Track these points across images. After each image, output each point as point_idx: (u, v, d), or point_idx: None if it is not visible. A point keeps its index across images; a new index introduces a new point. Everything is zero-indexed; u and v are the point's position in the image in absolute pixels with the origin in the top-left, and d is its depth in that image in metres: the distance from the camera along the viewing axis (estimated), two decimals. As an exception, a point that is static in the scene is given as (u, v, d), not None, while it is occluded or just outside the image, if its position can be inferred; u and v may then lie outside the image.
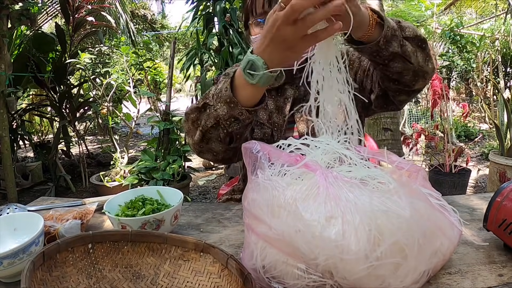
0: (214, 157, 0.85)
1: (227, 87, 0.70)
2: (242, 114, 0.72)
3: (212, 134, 0.79)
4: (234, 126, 0.75)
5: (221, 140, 0.79)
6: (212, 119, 0.76)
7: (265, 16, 0.87)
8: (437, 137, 3.43)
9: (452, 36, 5.43)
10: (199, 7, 3.11)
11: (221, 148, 0.81)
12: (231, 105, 0.71)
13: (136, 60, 3.58)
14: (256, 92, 0.70)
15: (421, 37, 0.77)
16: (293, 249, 0.49)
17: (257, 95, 0.71)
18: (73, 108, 3.49)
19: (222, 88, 0.72)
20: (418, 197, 0.53)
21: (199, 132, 0.80)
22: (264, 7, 0.88)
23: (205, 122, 0.78)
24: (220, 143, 0.80)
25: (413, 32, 0.75)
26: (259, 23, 0.90)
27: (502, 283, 0.56)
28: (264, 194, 0.53)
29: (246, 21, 0.97)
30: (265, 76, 0.64)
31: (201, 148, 0.83)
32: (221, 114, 0.73)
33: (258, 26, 0.90)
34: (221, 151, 0.82)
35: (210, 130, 0.78)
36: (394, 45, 0.71)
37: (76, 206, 0.90)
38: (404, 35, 0.74)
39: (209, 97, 0.77)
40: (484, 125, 5.93)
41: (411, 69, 0.77)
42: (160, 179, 2.73)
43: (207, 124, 0.77)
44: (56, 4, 4.06)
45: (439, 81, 3.01)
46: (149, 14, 10.48)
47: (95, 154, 4.72)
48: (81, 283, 0.49)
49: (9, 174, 2.79)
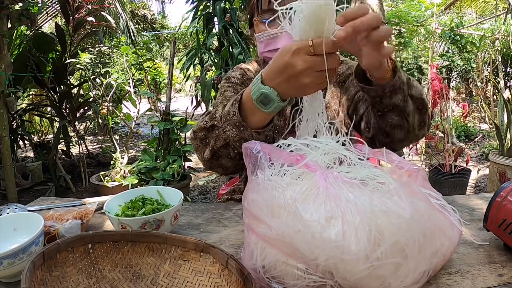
0: (224, 171, 0.87)
1: (235, 111, 0.72)
2: (252, 136, 0.73)
3: (223, 152, 0.80)
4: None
5: (232, 158, 0.81)
6: (221, 140, 0.77)
7: (270, 14, 0.89)
8: (437, 137, 3.43)
9: (452, 36, 5.43)
10: (199, 7, 3.11)
11: (231, 164, 0.83)
12: (240, 129, 0.73)
13: (136, 60, 3.58)
14: (267, 117, 0.71)
15: (424, 102, 0.78)
16: (293, 249, 0.49)
17: (267, 118, 0.72)
18: (73, 108, 3.49)
19: (230, 111, 0.73)
20: (418, 197, 0.53)
21: (209, 151, 0.81)
22: (270, 4, 0.88)
23: (215, 142, 0.79)
24: (230, 160, 0.82)
25: (419, 93, 0.77)
26: (265, 22, 0.90)
27: (502, 283, 0.56)
28: (264, 194, 0.53)
29: (251, 18, 0.97)
30: (279, 106, 0.66)
31: (211, 165, 0.85)
32: (230, 136, 0.75)
33: (263, 24, 0.91)
34: (231, 167, 0.84)
35: (220, 149, 0.80)
36: (398, 97, 0.72)
37: (76, 206, 0.90)
38: (410, 92, 0.75)
39: (217, 118, 0.78)
40: (484, 125, 5.93)
41: (405, 127, 0.78)
42: (160, 179, 2.73)
43: (217, 144, 0.79)
44: (56, 4, 4.06)
45: (439, 81, 3.01)
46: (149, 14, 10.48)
47: (95, 154, 4.72)
48: (81, 283, 0.49)
49: (9, 174, 2.79)
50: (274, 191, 0.53)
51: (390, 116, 0.77)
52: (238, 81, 1.01)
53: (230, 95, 0.97)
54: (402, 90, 0.72)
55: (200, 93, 3.11)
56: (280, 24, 0.87)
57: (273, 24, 0.90)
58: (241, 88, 0.99)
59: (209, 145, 0.81)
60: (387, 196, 0.50)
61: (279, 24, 0.88)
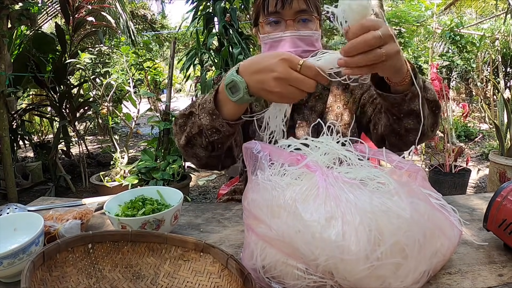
0: (198, 161, 0.88)
1: (211, 100, 0.73)
2: (223, 126, 0.74)
3: (197, 140, 0.82)
4: (215, 136, 0.77)
5: (204, 148, 0.82)
6: (196, 127, 0.79)
7: (276, 16, 0.89)
8: (437, 137, 3.43)
9: (452, 36, 5.43)
10: (199, 7, 3.10)
11: (204, 154, 0.84)
12: (213, 117, 0.74)
13: (136, 60, 3.58)
14: (237, 108, 0.72)
15: (438, 103, 0.79)
16: (293, 249, 0.49)
17: (238, 110, 0.73)
18: (73, 108, 3.49)
19: (207, 99, 0.74)
20: (418, 197, 0.53)
21: (184, 137, 0.83)
22: (276, 6, 0.88)
23: (190, 129, 0.81)
24: (203, 150, 0.83)
25: (433, 96, 0.78)
26: (270, 22, 0.90)
27: (502, 283, 0.56)
28: (264, 194, 0.53)
29: (256, 18, 0.97)
30: (244, 98, 0.66)
31: (186, 152, 0.87)
32: (204, 124, 0.76)
33: (269, 26, 0.91)
34: (205, 157, 0.85)
35: (194, 137, 0.81)
36: (416, 103, 0.72)
37: (76, 206, 0.90)
38: (426, 96, 0.76)
39: (195, 105, 0.80)
40: (484, 125, 5.93)
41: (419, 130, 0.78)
42: (160, 179, 2.73)
43: (192, 131, 0.80)
44: (56, 4, 4.06)
45: (439, 81, 3.01)
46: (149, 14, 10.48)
47: (95, 154, 4.72)
48: (81, 283, 0.49)
49: (9, 174, 2.79)
50: (274, 191, 0.53)
51: (406, 120, 0.78)
52: None
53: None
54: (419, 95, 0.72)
55: (200, 93, 3.11)
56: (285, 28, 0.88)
57: (278, 26, 0.90)
58: None
59: (185, 131, 0.82)
60: (387, 196, 0.50)
61: (284, 27, 0.88)
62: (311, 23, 0.90)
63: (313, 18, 0.90)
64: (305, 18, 0.89)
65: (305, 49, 0.89)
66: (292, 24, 0.88)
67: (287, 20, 0.88)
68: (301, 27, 0.89)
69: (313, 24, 0.91)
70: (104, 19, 4.38)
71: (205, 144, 0.81)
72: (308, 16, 0.89)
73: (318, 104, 0.98)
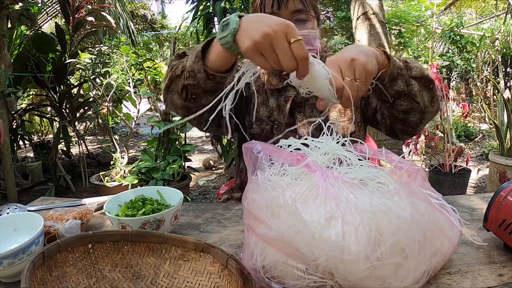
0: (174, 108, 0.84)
1: (204, 44, 0.70)
2: (200, 72, 0.71)
3: (176, 84, 0.78)
4: (190, 81, 0.74)
5: (179, 92, 0.78)
6: (180, 67, 0.76)
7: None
8: (437, 137, 3.43)
9: (452, 36, 5.43)
10: (199, 7, 3.10)
11: (180, 102, 0.81)
12: (195, 59, 0.71)
13: (136, 60, 3.58)
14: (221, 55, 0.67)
15: (429, 77, 0.80)
16: (293, 249, 0.49)
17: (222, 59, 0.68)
18: (73, 108, 3.48)
19: (201, 43, 0.72)
20: (418, 197, 0.53)
21: (168, 78, 0.80)
22: (273, 7, 0.89)
23: (175, 69, 0.78)
24: (178, 96, 0.80)
25: (420, 72, 0.78)
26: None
27: (502, 283, 0.56)
28: (263, 194, 0.53)
29: None
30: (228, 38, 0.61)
31: (165, 96, 0.84)
32: (186, 65, 0.73)
33: None
34: (180, 105, 0.82)
35: (175, 79, 0.78)
36: (399, 84, 0.74)
37: (76, 206, 0.90)
38: (411, 74, 0.77)
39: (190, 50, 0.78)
40: (484, 125, 5.93)
41: (417, 109, 0.80)
42: (160, 179, 2.73)
43: (176, 72, 0.77)
44: (56, 4, 4.06)
45: (439, 81, 3.01)
46: (149, 14, 10.47)
47: (95, 154, 4.72)
48: (81, 283, 0.49)
49: (9, 174, 2.79)
50: (274, 191, 0.53)
51: (399, 103, 0.80)
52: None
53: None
54: (402, 76, 0.74)
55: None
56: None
57: None
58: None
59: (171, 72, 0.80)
60: (387, 196, 0.50)
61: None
62: (309, 23, 0.91)
63: (310, 18, 0.91)
64: (301, 18, 0.90)
65: None
66: None
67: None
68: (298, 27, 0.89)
69: (310, 24, 0.91)
70: (104, 19, 4.39)
71: (180, 88, 0.77)
72: (305, 16, 0.90)
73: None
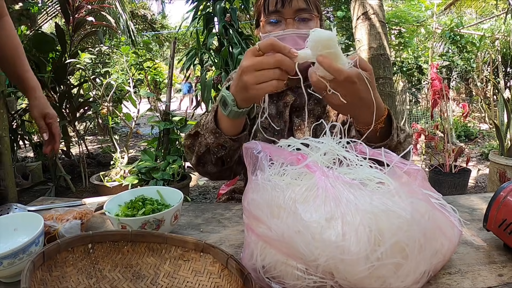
0: (212, 177, 0.95)
1: (212, 120, 0.78)
2: (227, 142, 0.79)
3: (207, 158, 0.87)
4: (222, 152, 0.82)
5: (214, 164, 0.87)
6: (203, 146, 0.84)
7: (277, 15, 0.90)
8: (437, 137, 3.43)
9: (452, 36, 5.43)
10: (199, 7, 3.10)
11: (216, 170, 0.89)
12: (216, 135, 0.79)
13: (136, 60, 3.58)
14: (233, 123, 0.76)
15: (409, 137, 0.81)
16: (293, 250, 0.49)
17: (236, 125, 0.77)
18: (73, 108, 3.49)
19: (209, 119, 0.80)
20: (419, 197, 0.53)
21: (195, 157, 0.89)
22: (277, 5, 0.89)
23: (198, 148, 0.86)
24: (214, 166, 0.88)
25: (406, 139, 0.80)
26: (271, 22, 0.91)
27: (502, 283, 0.56)
28: (263, 194, 0.53)
29: (258, 18, 0.98)
30: (233, 111, 0.70)
31: (198, 170, 0.93)
32: (210, 142, 0.81)
33: (270, 25, 0.92)
34: (217, 172, 0.91)
35: (204, 155, 0.86)
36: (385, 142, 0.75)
37: (76, 206, 0.90)
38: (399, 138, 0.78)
39: (200, 126, 0.85)
40: (484, 125, 5.93)
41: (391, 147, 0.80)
42: (160, 179, 2.73)
43: (200, 150, 0.86)
44: (56, 4, 4.06)
45: (439, 81, 3.01)
46: (149, 14, 10.48)
47: (95, 154, 4.72)
48: (81, 283, 0.49)
49: (9, 174, 2.79)
50: (274, 192, 0.52)
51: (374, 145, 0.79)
52: None
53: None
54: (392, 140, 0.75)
55: (200, 93, 3.11)
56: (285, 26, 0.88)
57: (279, 25, 0.90)
58: None
59: (195, 151, 0.88)
60: (388, 196, 0.50)
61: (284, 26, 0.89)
62: (311, 22, 0.91)
63: (313, 17, 0.91)
64: (305, 17, 0.90)
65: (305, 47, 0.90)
66: (292, 23, 0.89)
67: (287, 18, 0.89)
68: (301, 26, 0.90)
69: (313, 23, 0.91)
70: (104, 19, 4.39)
71: (215, 161, 0.86)
72: (308, 15, 0.90)
73: (317, 108, 0.99)
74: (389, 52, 2.97)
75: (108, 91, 3.49)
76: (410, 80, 5.74)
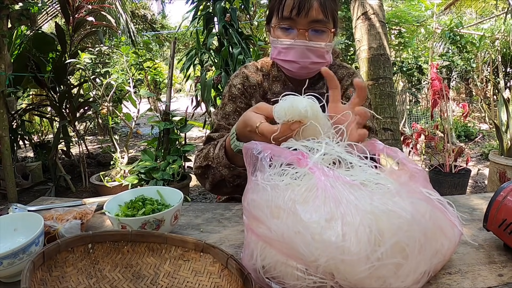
0: (227, 194, 1.04)
1: (223, 156, 0.83)
2: (242, 173, 0.82)
3: (221, 184, 0.92)
4: (238, 181, 0.87)
5: (230, 187, 0.92)
6: (218, 177, 0.89)
7: (290, 23, 0.86)
8: (437, 137, 3.43)
9: (452, 36, 5.43)
10: (199, 7, 3.10)
11: (232, 189, 0.94)
12: (230, 169, 0.84)
13: (136, 60, 3.58)
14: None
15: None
16: (293, 250, 0.49)
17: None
18: (73, 108, 3.48)
19: (219, 155, 0.84)
20: (419, 197, 0.53)
21: (209, 184, 0.94)
22: (292, 13, 0.85)
23: (213, 178, 0.91)
24: (230, 188, 0.93)
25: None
26: (282, 28, 0.88)
27: (502, 283, 0.56)
28: (263, 195, 0.53)
29: (269, 17, 0.95)
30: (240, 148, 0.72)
31: (214, 193, 1.00)
32: (224, 174, 0.86)
33: (281, 31, 0.89)
34: (233, 191, 0.96)
35: (219, 182, 0.91)
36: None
37: (76, 206, 0.90)
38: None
39: (210, 158, 0.89)
40: (484, 125, 5.93)
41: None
42: (160, 179, 2.73)
43: (215, 179, 0.91)
44: (56, 4, 4.06)
45: (439, 81, 3.01)
46: (149, 14, 10.47)
47: (95, 154, 4.72)
48: (81, 283, 0.49)
49: (9, 174, 2.79)
50: (274, 192, 0.52)
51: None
52: (239, 92, 1.01)
53: (230, 111, 1.01)
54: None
55: (200, 93, 3.11)
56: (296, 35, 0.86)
57: (290, 33, 0.87)
58: (241, 101, 1.00)
59: (208, 179, 0.92)
60: (388, 196, 0.50)
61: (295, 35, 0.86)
62: (324, 35, 0.87)
63: (327, 30, 0.87)
64: (318, 29, 0.86)
65: (314, 60, 0.88)
66: (304, 33, 0.86)
67: (300, 28, 0.85)
68: (313, 37, 0.87)
69: (326, 36, 0.88)
70: (104, 19, 4.39)
71: (230, 187, 0.91)
72: (322, 27, 0.86)
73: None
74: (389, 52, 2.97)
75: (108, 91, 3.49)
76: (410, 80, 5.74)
